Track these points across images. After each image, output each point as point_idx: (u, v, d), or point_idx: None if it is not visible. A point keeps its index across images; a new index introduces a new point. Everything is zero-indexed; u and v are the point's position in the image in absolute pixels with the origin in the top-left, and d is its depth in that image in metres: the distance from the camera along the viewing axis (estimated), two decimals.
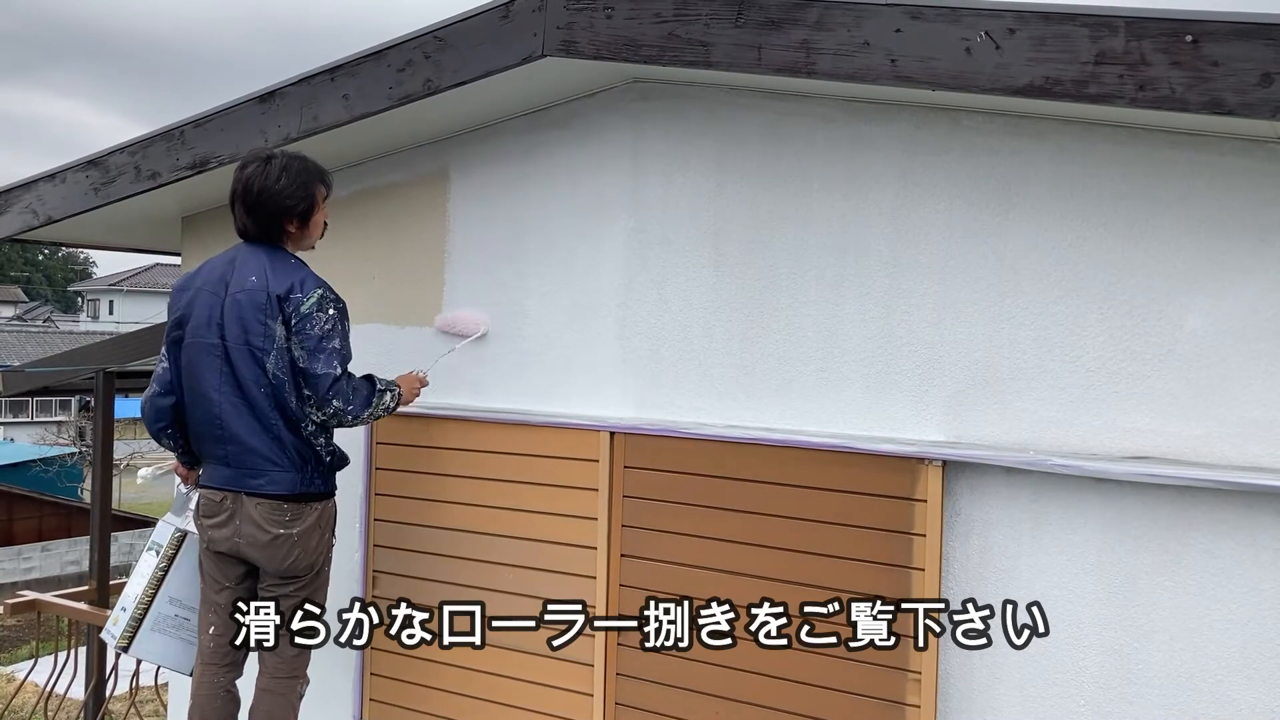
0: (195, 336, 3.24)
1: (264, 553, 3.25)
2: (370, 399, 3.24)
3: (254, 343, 3.16)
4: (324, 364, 3.14)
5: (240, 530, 3.24)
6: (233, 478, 3.24)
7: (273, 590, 3.32)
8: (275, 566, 3.27)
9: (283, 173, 3.23)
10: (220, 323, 3.19)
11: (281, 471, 3.21)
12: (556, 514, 3.45)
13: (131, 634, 3.48)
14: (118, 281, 55.76)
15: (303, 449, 3.23)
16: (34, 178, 4.28)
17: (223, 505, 3.26)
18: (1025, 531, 2.76)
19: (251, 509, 3.22)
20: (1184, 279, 2.58)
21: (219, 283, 3.24)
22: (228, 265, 3.28)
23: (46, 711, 5.55)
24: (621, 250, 3.38)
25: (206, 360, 3.21)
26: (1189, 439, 2.57)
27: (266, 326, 3.16)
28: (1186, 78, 2.21)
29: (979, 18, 2.43)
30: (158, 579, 3.54)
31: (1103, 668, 2.67)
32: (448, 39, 3.22)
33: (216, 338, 3.20)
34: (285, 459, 3.21)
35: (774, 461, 3.08)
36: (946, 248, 2.87)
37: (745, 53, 2.75)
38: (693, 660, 3.17)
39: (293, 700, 3.40)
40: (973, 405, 2.83)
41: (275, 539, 3.23)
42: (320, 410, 3.17)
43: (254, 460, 3.20)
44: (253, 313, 3.17)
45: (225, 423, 3.21)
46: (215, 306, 3.21)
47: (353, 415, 3.21)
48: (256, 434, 3.19)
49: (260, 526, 3.22)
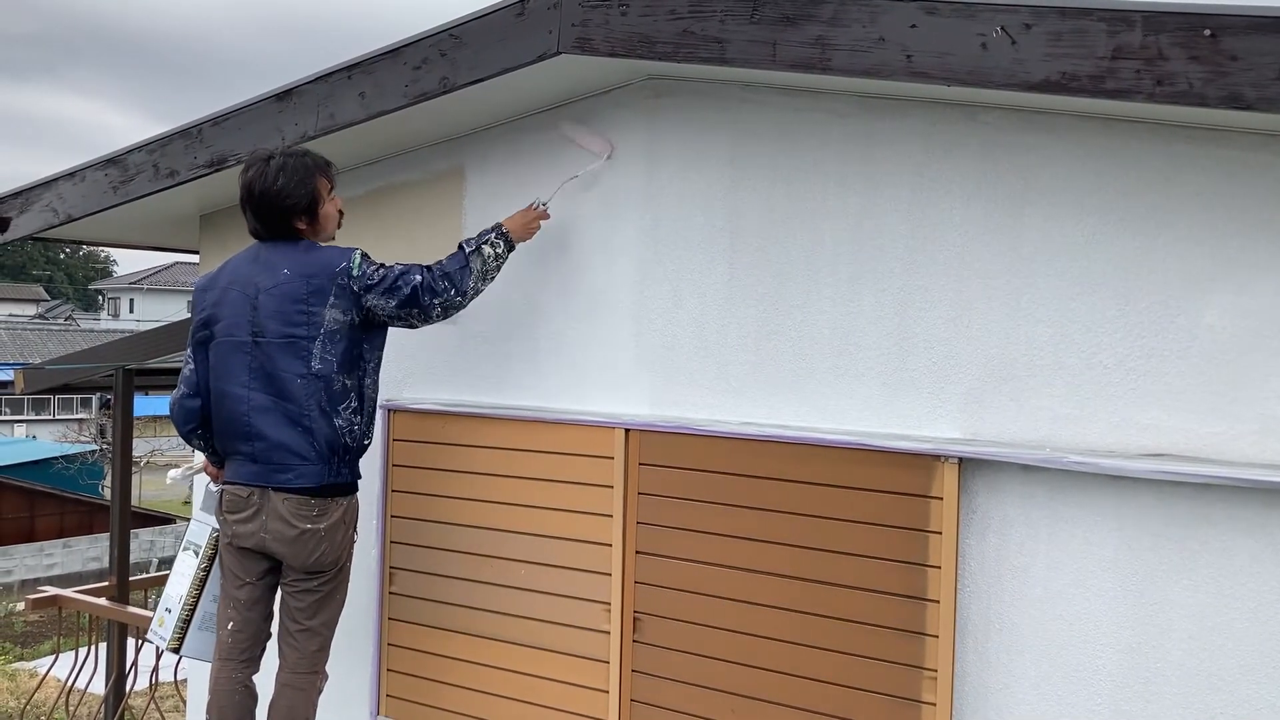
0: (226, 335, 3.27)
1: (291, 548, 3.27)
2: (467, 267, 3.29)
3: (296, 334, 3.22)
4: (409, 285, 3.23)
5: (267, 526, 3.26)
6: (260, 473, 3.25)
7: (297, 585, 3.35)
8: (301, 562, 3.30)
9: (280, 172, 3.26)
10: (252, 319, 3.23)
11: (309, 465, 3.24)
12: (572, 511, 3.45)
13: (181, 634, 3.51)
14: (138, 280, 56.17)
15: (333, 440, 3.27)
16: (54, 176, 4.32)
17: (249, 501, 3.27)
18: (1042, 529, 2.75)
19: (279, 504, 3.24)
20: (1202, 275, 2.56)
21: (248, 281, 3.28)
22: (253, 263, 3.31)
23: (68, 706, 5.59)
24: (636, 247, 3.39)
25: (236, 357, 3.25)
26: (1207, 436, 2.56)
27: (310, 315, 3.22)
28: (1205, 72, 2.20)
29: (995, 13, 2.41)
30: (200, 579, 3.57)
31: (1120, 666, 2.65)
32: (463, 37, 3.23)
33: (248, 334, 3.24)
34: (314, 452, 3.24)
35: (789, 459, 3.07)
36: (963, 244, 2.86)
37: (760, 49, 2.74)
38: (708, 657, 3.17)
39: (312, 696, 3.42)
40: (989, 402, 2.82)
41: (302, 534, 3.26)
42: (444, 312, 3.30)
43: (281, 455, 3.23)
44: (291, 305, 3.23)
45: (253, 419, 3.24)
46: (246, 304, 3.25)
47: (462, 294, 3.29)
48: (286, 428, 3.22)
49: (287, 522, 3.24)
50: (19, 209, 4.43)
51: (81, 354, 6.80)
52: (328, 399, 3.24)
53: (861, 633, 2.94)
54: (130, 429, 6.12)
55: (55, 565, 20.87)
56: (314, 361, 3.22)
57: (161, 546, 21.12)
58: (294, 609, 3.38)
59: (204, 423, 3.39)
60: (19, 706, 11.81)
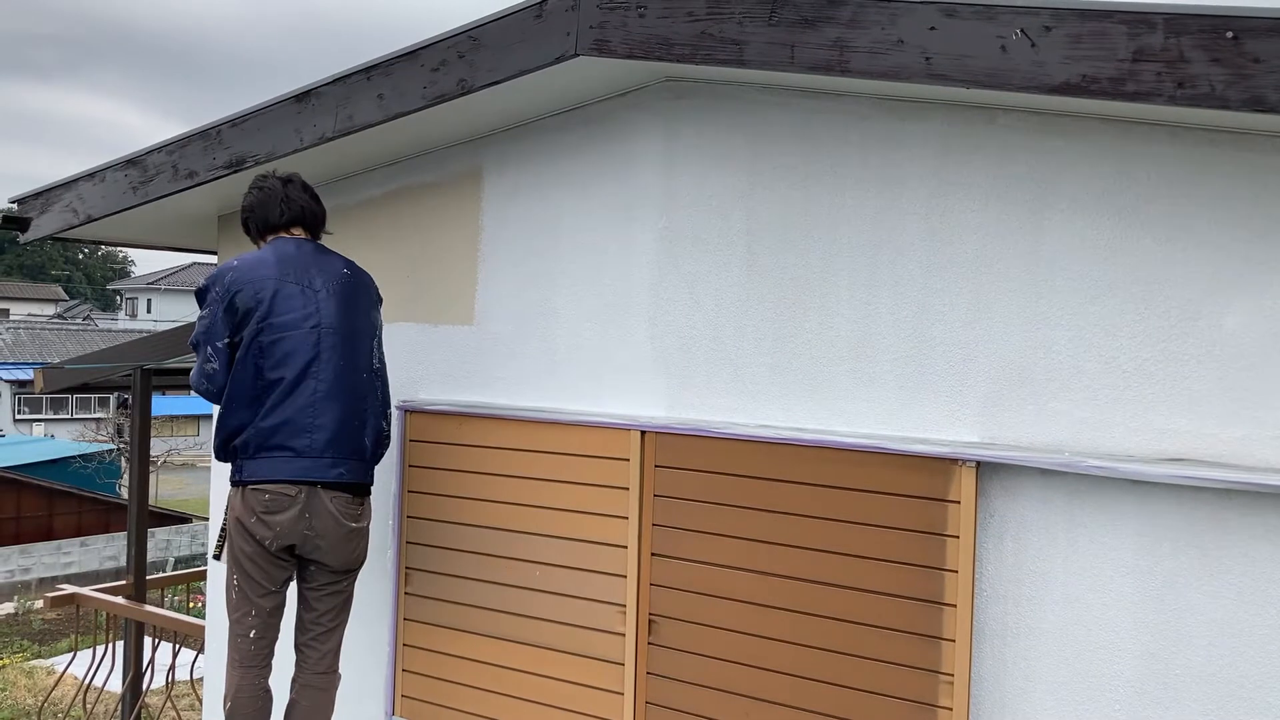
0: (284, 330, 3.22)
1: (339, 547, 3.31)
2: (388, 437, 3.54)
3: (362, 328, 3.34)
4: None
5: (312, 524, 3.25)
6: (309, 469, 3.22)
7: (328, 588, 3.39)
8: (342, 561, 3.35)
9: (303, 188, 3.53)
10: (316, 312, 3.26)
11: (358, 462, 3.31)
12: (587, 512, 3.45)
13: (220, 545, 3.52)
14: (155, 280, 56.49)
15: (378, 438, 3.37)
16: (74, 177, 4.34)
17: (296, 499, 3.23)
18: (1060, 534, 2.74)
19: (327, 502, 3.25)
20: (1222, 279, 2.55)
21: (302, 274, 3.30)
22: (296, 259, 3.32)
23: (85, 704, 5.62)
24: (653, 249, 3.38)
25: (301, 351, 3.22)
26: (1227, 441, 2.54)
27: (370, 314, 3.40)
28: (1227, 75, 2.18)
29: (1015, 15, 2.40)
30: None
31: (1139, 672, 2.64)
32: (481, 38, 3.23)
33: (311, 327, 3.24)
34: (366, 447, 3.33)
35: (806, 461, 3.07)
36: (981, 247, 2.84)
37: (778, 51, 2.74)
38: (723, 660, 3.17)
39: (333, 694, 3.46)
40: (1007, 406, 2.81)
41: (351, 533, 3.32)
42: None
43: (336, 450, 3.24)
44: (362, 302, 3.37)
45: (317, 411, 3.22)
46: (305, 298, 3.26)
47: None
48: (346, 422, 3.27)
49: (337, 520, 3.27)
50: (40, 209, 4.45)
51: (100, 354, 6.84)
52: (382, 398, 3.39)
53: (878, 636, 2.93)
54: (148, 428, 6.15)
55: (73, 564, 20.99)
56: (374, 359, 3.37)
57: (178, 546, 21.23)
58: (320, 611, 3.40)
59: None
60: (36, 704, 11.88)
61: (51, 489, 22.02)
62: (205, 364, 3.28)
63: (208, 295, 3.30)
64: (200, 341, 3.28)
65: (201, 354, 3.29)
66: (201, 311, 3.31)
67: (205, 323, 3.28)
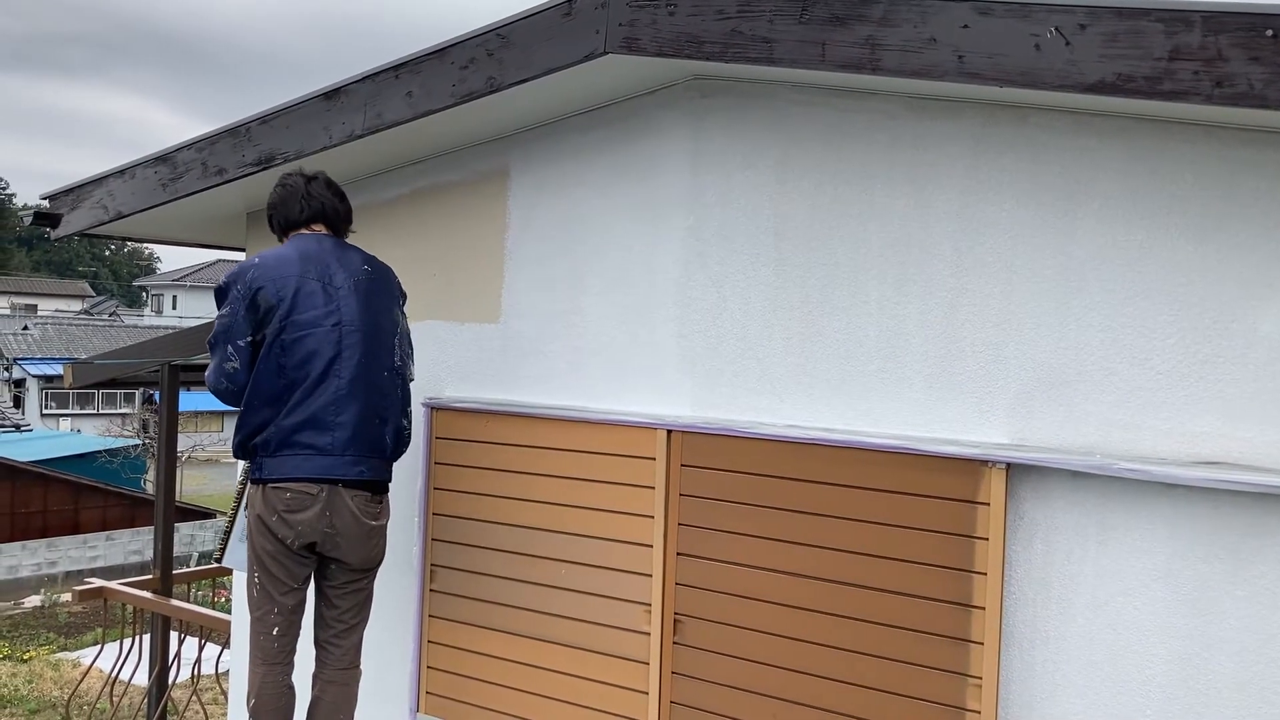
0: (306, 327, 3.21)
1: (360, 545, 3.32)
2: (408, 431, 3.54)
3: (383, 325, 3.34)
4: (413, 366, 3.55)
5: (333, 522, 3.25)
6: (331, 467, 3.22)
7: (349, 586, 3.40)
8: (363, 559, 3.36)
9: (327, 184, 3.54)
10: (337, 310, 3.26)
11: (379, 460, 3.32)
12: (613, 511, 3.45)
13: (223, 547, 3.55)
14: (181, 277, 56.89)
15: (398, 436, 3.38)
16: (105, 173, 4.37)
17: (317, 497, 3.23)
18: (1090, 537, 2.71)
19: (348, 500, 3.26)
20: (1258, 282, 2.51)
21: (323, 271, 3.29)
22: (317, 256, 3.31)
23: (111, 697, 5.67)
24: (680, 248, 3.37)
25: (323, 349, 3.22)
26: (1262, 445, 2.51)
27: (392, 311, 3.40)
28: (1266, 73, 2.15)
29: (1049, 13, 2.38)
30: (239, 492, 3.75)
31: (1170, 677, 2.61)
32: (510, 36, 3.23)
33: (332, 324, 3.24)
34: (387, 445, 3.34)
35: (833, 462, 3.05)
36: (1012, 247, 2.82)
37: (809, 49, 2.72)
38: (749, 660, 3.16)
39: (355, 690, 3.48)
40: (1038, 407, 2.78)
41: (372, 531, 3.33)
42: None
43: (358, 447, 3.25)
44: (383, 299, 3.37)
45: (339, 409, 3.22)
46: (327, 295, 3.26)
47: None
48: (367, 420, 3.27)
49: (358, 519, 3.28)
50: (70, 205, 4.49)
51: (128, 349, 6.89)
52: (402, 395, 3.39)
53: (905, 638, 2.92)
54: (175, 424, 6.19)
55: (98, 557, 21.15)
56: (395, 357, 3.36)
57: (202, 541, 21.35)
58: (342, 609, 3.41)
59: None
60: (63, 696, 11.99)
61: (78, 483, 22.20)
62: (225, 363, 3.25)
63: (229, 293, 3.26)
64: (219, 340, 3.25)
65: (220, 353, 3.25)
66: (221, 310, 3.28)
67: (225, 321, 3.25)
